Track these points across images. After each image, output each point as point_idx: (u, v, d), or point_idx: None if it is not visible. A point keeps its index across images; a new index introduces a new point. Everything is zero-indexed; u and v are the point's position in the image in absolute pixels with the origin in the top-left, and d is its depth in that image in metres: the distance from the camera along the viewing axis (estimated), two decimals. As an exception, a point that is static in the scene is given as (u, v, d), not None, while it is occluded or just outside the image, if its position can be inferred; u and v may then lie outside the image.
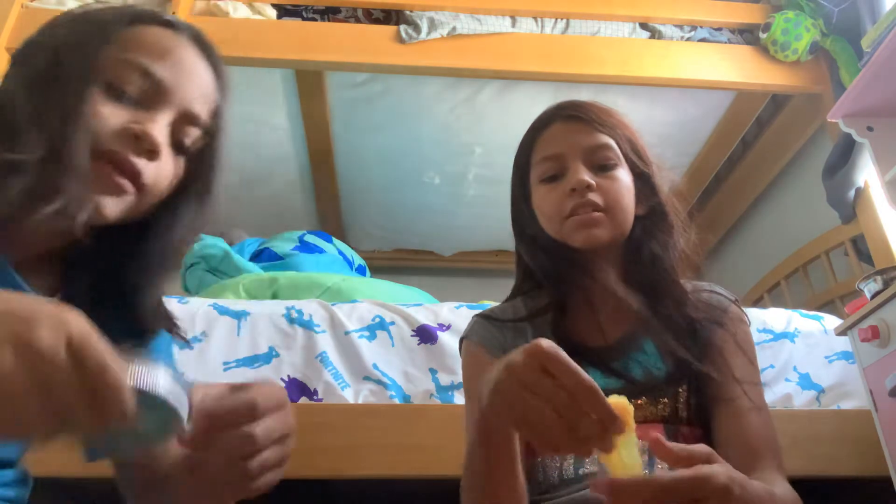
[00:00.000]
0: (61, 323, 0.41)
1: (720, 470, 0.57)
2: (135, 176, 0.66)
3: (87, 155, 0.63)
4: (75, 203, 0.62)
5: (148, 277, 0.73)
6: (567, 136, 0.98)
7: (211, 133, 0.74)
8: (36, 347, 0.39)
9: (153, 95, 0.68)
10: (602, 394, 0.55)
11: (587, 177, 0.94)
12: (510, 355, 0.59)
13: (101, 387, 0.41)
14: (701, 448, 0.59)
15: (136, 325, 0.72)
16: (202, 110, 0.72)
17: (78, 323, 0.42)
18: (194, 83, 0.71)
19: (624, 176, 0.97)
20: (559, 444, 0.56)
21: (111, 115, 0.65)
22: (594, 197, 0.93)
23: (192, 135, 0.72)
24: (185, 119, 0.70)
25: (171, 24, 0.72)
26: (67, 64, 0.66)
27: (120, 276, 0.72)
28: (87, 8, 0.73)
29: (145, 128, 0.66)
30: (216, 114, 0.74)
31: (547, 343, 0.57)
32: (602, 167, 0.97)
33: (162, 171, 0.69)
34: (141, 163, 0.66)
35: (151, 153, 0.67)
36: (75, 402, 0.40)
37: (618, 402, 0.56)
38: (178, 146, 0.71)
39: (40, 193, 0.61)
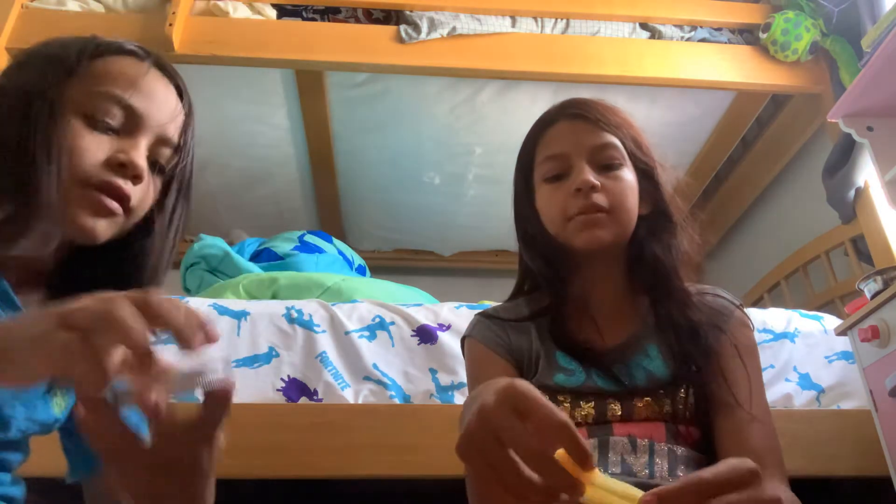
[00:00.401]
0: (114, 295, 0.48)
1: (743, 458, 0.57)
2: (124, 200, 0.72)
3: (54, 192, 0.68)
4: (42, 239, 0.68)
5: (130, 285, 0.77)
6: (572, 135, 0.97)
7: (182, 150, 0.80)
8: (112, 302, 0.47)
9: (131, 124, 0.74)
10: (575, 429, 0.51)
11: (592, 177, 0.93)
12: (483, 395, 0.55)
13: (167, 312, 0.48)
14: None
15: None
16: (174, 132, 0.79)
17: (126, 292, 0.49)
18: (164, 108, 0.77)
19: (628, 176, 0.96)
20: (526, 493, 0.52)
21: (97, 147, 0.71)
22: (599, 198, 0.92)
23: (167, 155, 0.78)
24: (159, 142, 0.77)
25: (133, 53, 0.78)
26: (34, 105, 0.70)
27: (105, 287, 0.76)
28: (49, 43, 0.78)
29: (130, 156, 0.73)
30: (184, 131, 0.80)
31: (521, 383, 0.53)
32: (607, 167, 0.96)
33: (145, 192, 0.76)
34: (128, 187, 0.72)
35: (137, 178, 0.73)
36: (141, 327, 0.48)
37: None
38: (154, 167, 0.77)
39: (12, 231, 0.67)
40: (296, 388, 1.43)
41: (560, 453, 0.51)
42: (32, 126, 0.69)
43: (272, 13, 2.18)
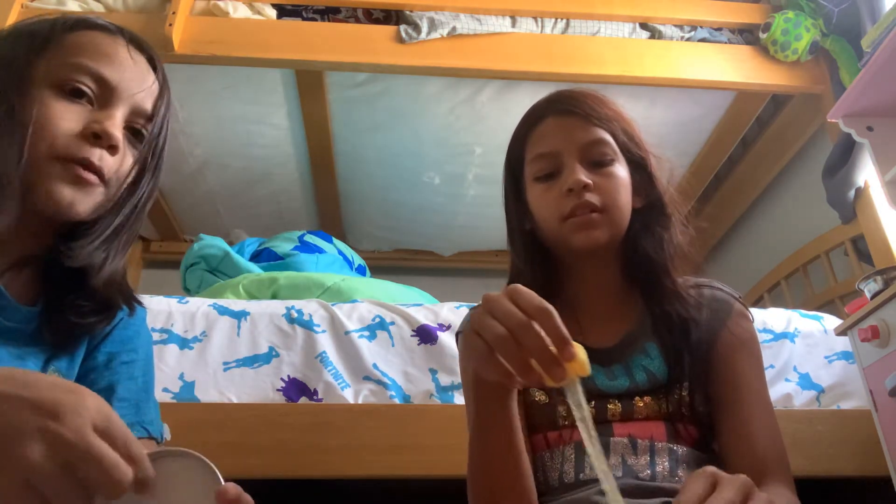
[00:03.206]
0: (83, 409, 0.46)
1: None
2: (100, 170, 0.73)
3: (15, 162, 0.68)
4: (6, 214, 0.68)
5: (109, 254, 0.78)
6: (562, 131, 0.95)
7: (154, 121, 0.80)
8: (62, 438, 0.44)
9: (105, 95, 0.75)
10: (558, 318, 0.58)
11: (584, 176, 0.91)
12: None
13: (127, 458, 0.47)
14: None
15: (102, 303, 0.79)
16: (148, 104, 0.79)
17: (98, 406, 0.47)
18: (138, 79, 0.78)
19: (621, 171, 0.95)
20: (513, 362, 0.59)
21: (70, 117, 0.72)
22: (591, 197, 0.91)
23: (142, 126, 0.79)
24: (135, 113, 0.78)
25: (106, 28, 0.79)
26: (4, 77, 0.72)
27: (85, 261, 0.77)
28: (22, 21, 0.79)
29: (104, 126, 0.73)
30: (158, 104, 0.81)
31: (521, 286, 0.61)
32: (598, 163, 0.94)
33: (122, 163, 0.76)
34: (105, 157, 0.73)
35: (112, 148, 0.74)
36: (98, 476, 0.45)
37: (577, 346, 0.59)
38: (131, 138, 0.78)
39: None
40: (296, 388, 1.43)
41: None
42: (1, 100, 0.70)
43: (272, 13, 2.18)
